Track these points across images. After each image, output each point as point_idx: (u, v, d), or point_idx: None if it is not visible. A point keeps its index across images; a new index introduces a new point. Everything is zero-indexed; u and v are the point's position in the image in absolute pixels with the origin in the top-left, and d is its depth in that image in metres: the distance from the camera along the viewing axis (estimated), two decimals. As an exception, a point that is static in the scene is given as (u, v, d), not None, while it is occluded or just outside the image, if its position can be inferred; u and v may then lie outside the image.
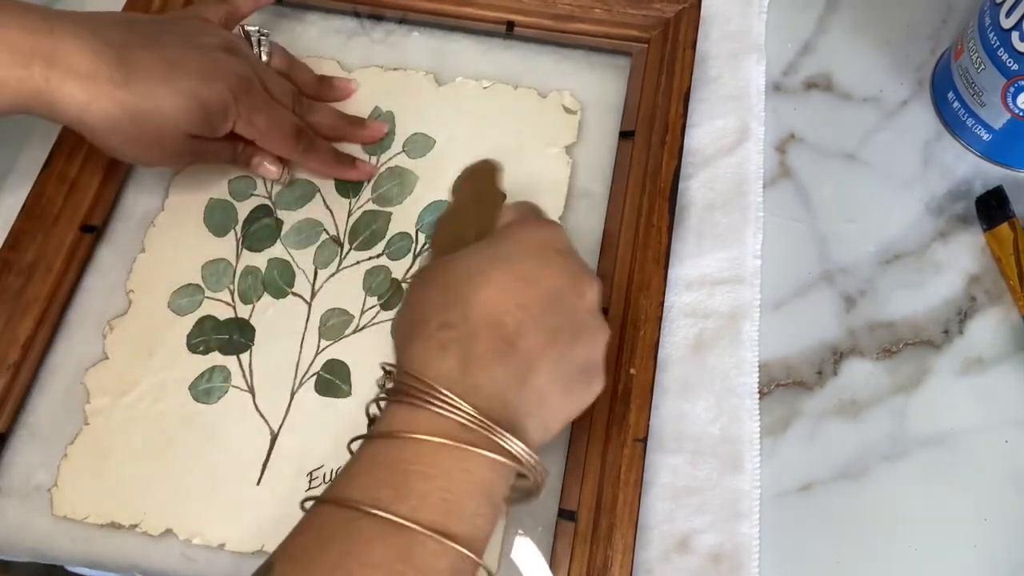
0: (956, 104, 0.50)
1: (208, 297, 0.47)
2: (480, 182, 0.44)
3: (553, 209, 0.48)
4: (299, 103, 0.48)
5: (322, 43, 0.54)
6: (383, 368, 0.34)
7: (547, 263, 0.35)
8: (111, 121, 0.40)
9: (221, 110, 0.43)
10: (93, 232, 0.48)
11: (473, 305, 0.33)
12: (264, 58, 0.48)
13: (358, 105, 0.52)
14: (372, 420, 0.34)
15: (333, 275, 0.47)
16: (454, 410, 0.31)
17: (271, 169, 0.48)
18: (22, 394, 0.44)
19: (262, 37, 0.48)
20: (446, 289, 0.34)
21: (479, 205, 0.43)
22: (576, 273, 0.36)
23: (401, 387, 0.32)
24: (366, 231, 0.48)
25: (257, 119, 0.44)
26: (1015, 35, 0.43)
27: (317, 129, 0.48)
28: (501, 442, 0.31)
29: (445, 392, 0.31)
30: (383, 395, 0.34)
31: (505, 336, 0.33)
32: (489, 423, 0.31)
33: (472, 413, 0.31)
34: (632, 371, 0.43)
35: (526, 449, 0.32)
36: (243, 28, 0.48)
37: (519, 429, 0.32)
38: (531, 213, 0.39)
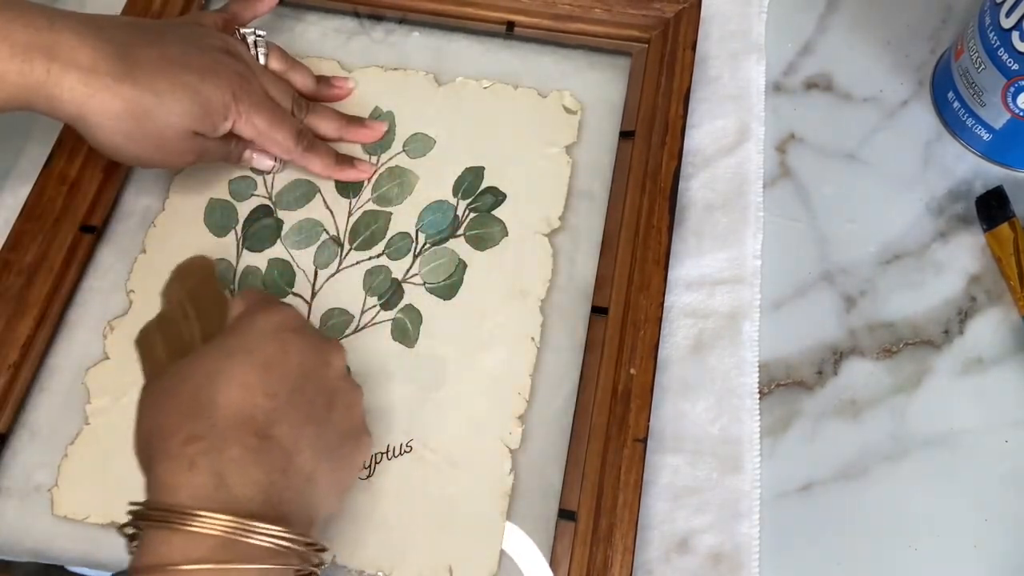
0: (956, 104, 0.50)
1: (208, 297, 0.47)
2: (193, 280, 0.43)
3: (553, 209, 0.48)
4: (298, 104, 0.48)
5: (322, 43, 0.54)
6: (129, 505, 0.32)
7: (286, 344, 0.35)
8: (111, 116, 0.40)
9: (222, 108, 0.43)
10: (93, 232, 0.48)
11: (218, 408, 0.32)
12: (262, 60, 0.48)
13: (358, 105, 0.51)
14: (131, 538, 0.32)
15: (333, 275, 0.47)
16: (213, 527, 0.30)
17: (265, 161, 0.48)
18: (22, 394, 0.44)
19: (259, 39, 0.48)
20: (187, 397, 0.33)
21: (197, 304, 0.43)
22: (317, 345, 0.36)
23: (154, 515, 0.31)
24: (366, 231, 0.48)
25: (257, 119, 0.44)
26: (1015, 35, 0.43)
27: (317, 130, 0.49)
28: (270, 543, 0.30)
29: (199, 513, 0.30)
30: (135, 526, 0.32)
31: (258, 431, 0.32)
32: (253, 527, 0.30)
33: (232, 524, 0.30)
34: (632, 371, 0.43)
35: (298, 538, 0.31)
36: (239, 31, 0.48)
37: (290, 518, 0.32)
38: (259, 300, 0.38)
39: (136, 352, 0.44)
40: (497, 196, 0.49)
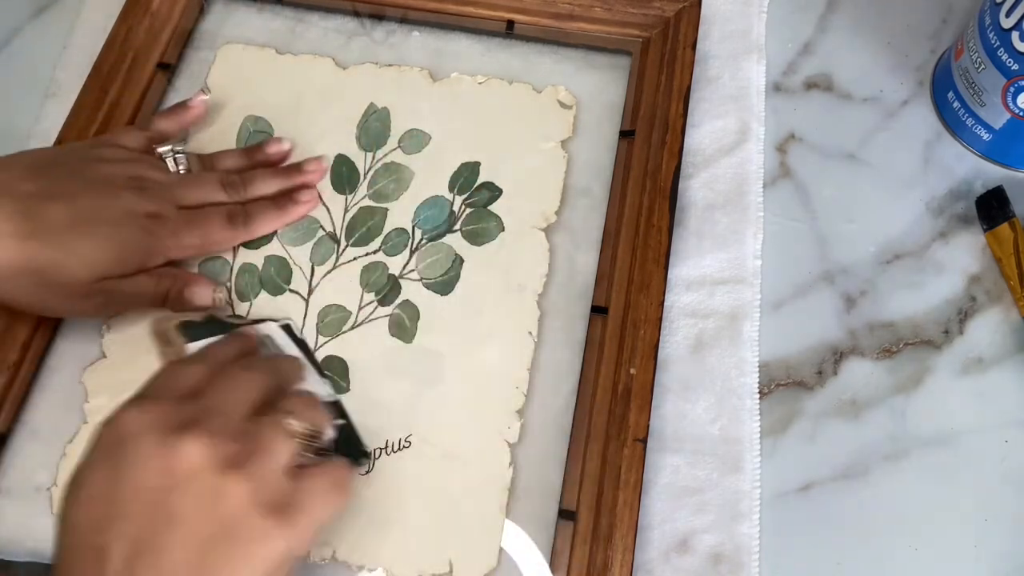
0: (956, 104, 0.50)
1: (207, 296, 0.47)
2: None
3: (549, 204, 0.48)
4: (231, 187, 0.46)
5: (322, 43, 0.54)
6: None
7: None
8: (17, 273, 0.39)
9: (140, 253, 0.42)
10: (92, 231, 0.48)
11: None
12: (183, 171, 0.46)
13: (354, 102, 0.51)
14: None
15: (330, 272, 0.47)
16: None
17: (202, 293, 0.45)
18: (22, 394, 0.44)
19: (177, 155, 0.46)
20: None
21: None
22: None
23: None
24: (363, 227, 0.48)
25: (185, 240, 0.44)
26: (1015, 35, 0.43)
27: (260, 196, 0.47)
28: None
29: None
30: None
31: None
32: None
33: None
34: (632, 371, 0.43)
35: None
36: (157, 150, 0.46)
37: None
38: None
39: (153, 342, 0.44)
40: (493, 191, 0.49)
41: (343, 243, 0.48)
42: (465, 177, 0.49)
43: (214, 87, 0.52)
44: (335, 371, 0.44)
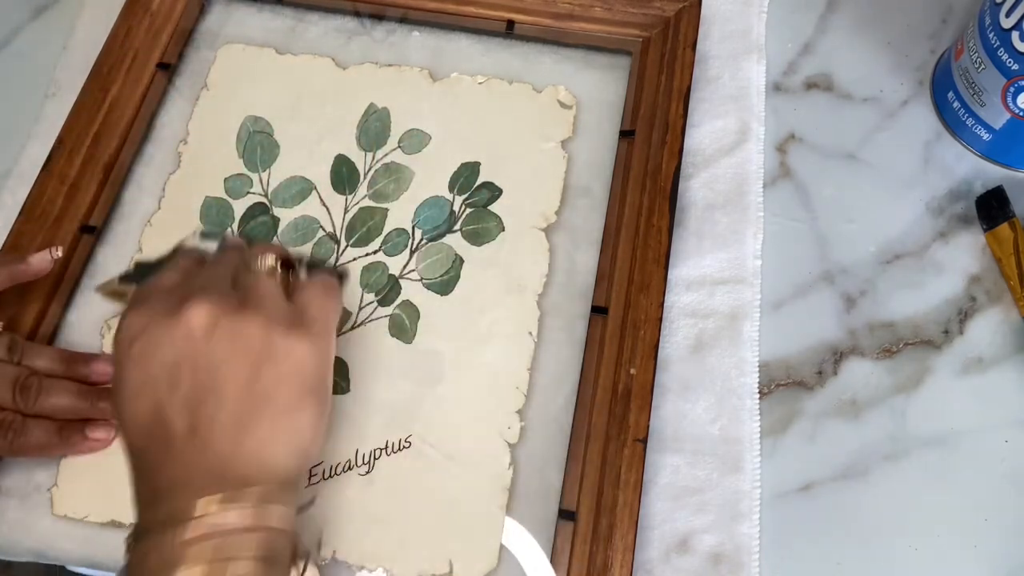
0: (956, 104, 0.50)
1: (208, 296, 0.47)
2: None
3: (549, 204, 0.48)
4: (24, 395, 0.41)
5: (322, 43, 0.54)
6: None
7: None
8: None
9: None
10: (93, 233, 0.48)
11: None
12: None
13: (354, 102, 0.51)
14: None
15: (332, 274, 0.47)
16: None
17: (39, 257, 0.43)
18: (21, 393, 0.44)
19: None
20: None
21: None
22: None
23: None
24: (362, 227, 0.48)
25: None
26: (1015, 35, 0.43)
27: (51, 410, 0.42)
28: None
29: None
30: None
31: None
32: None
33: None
34: (632, 371, 0.43)
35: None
36: None
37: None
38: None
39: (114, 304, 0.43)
40: (493, 191, 0.49)
41: (343, 243, 0.48)
42: (465, 177, 0.49)
43: (214, 87, 0.52)
44: (335, 372, 0.44)
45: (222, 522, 0.30)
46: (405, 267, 0.47)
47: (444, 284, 0.47)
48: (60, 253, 0.45)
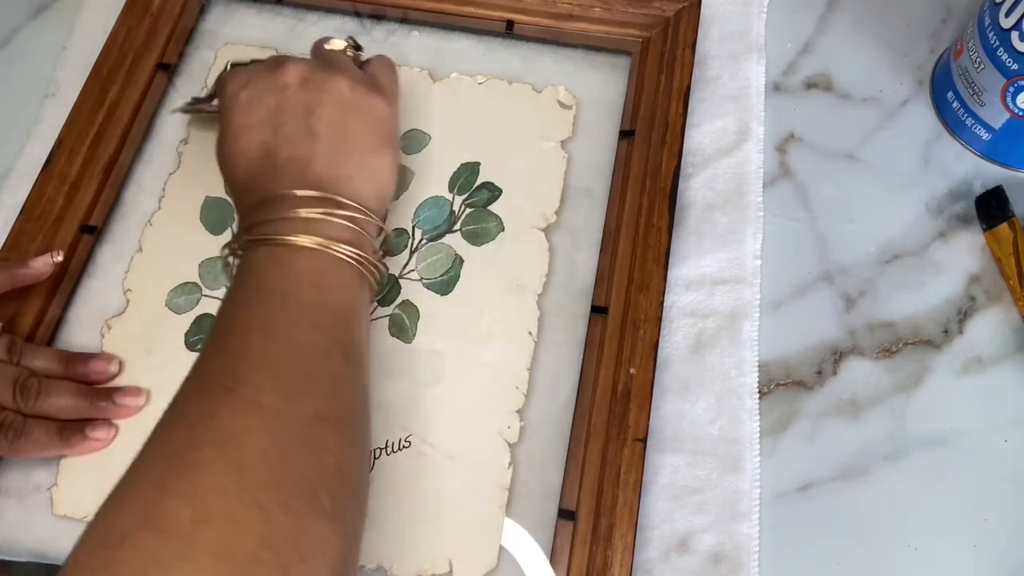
0: (956, 104, 0.50)
1: (206, 295, 0.47)
2: None
3: (549, 204, 0.48)
4: (24, 395, 0.41)
5: (322, 42, 0.54)
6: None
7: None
8: None
9: None
10: (93, 233, 0.48)
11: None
12: None
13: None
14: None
15: (333, 274, 0.47)
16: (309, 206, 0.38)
17: (41, 261, 0.44)
18: (21, 393, 0.44)
19: None
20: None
21: None
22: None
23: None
24: (365, 230, 0.48)
25: None
26: (1015, 35, 0.43)
27: (54, 411, 0.42)
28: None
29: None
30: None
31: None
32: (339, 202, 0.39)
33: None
34: (632, 371, 0.43)
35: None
36: None
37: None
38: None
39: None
40: (493, 191, 0.49)
41: (343, 243, 0.48)
42: (465, 177, 0.49)
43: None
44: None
45: (323, 227, 0.37)
46: (405, 267, 0.47)
47: (444, 284, 0.47)
48: (61, 257, 0.45)
